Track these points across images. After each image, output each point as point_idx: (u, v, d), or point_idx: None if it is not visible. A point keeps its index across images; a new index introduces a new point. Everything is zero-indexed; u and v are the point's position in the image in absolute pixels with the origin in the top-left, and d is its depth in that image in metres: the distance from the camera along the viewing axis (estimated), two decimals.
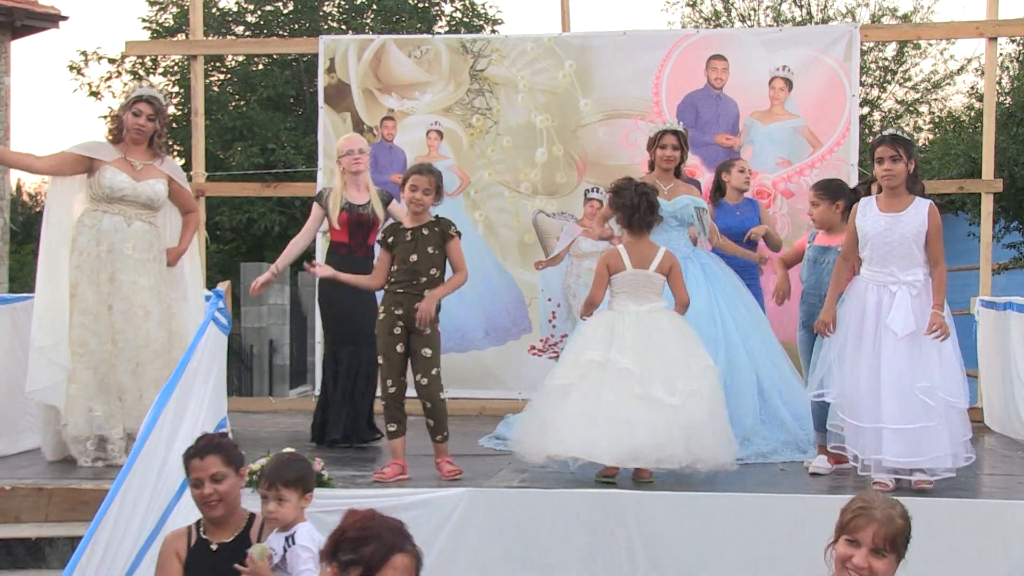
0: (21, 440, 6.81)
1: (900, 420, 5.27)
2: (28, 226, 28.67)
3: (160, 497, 4.32)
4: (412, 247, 5.80)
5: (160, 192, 6.35)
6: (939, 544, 4.94)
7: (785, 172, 8.19)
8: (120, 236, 6.21)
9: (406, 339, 5.78)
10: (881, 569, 3.16)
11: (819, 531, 4.99)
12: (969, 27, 9.11)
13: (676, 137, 6.66)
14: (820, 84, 8.34)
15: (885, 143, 5.51)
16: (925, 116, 24.34)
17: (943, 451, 5.30)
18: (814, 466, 5.88)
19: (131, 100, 6.36)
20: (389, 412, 5.79)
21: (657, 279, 5.67)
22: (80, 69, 22.54)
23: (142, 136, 6.34)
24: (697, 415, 5.42)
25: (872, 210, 5.53)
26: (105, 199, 6.22)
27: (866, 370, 5.40)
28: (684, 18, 24.58)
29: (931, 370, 5.32)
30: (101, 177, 6.21)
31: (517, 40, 8.87)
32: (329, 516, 5.15)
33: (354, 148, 6.90)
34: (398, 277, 5.80)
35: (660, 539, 5.05)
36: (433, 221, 5.87)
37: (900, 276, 5.42)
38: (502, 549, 5.14)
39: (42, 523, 5.54)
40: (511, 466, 6.03)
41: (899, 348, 5.33)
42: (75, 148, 6.30)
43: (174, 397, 4.43)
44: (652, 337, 5.56)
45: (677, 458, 5.37)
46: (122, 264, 6.18)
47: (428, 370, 5.73)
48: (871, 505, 3.22)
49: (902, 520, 3.23)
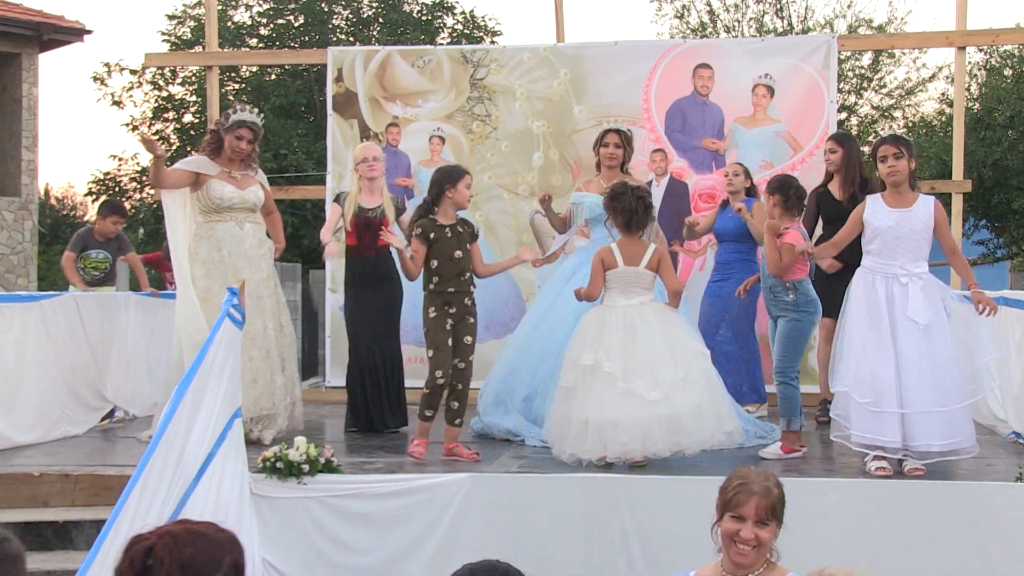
0: (55, 429, 6.84)
1: (931, 404, 5.22)
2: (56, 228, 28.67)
3: (178, 483, 4.30)
4: (455, 243, 5.84)
5: (261, 197, 6.61)
6: (913, 524, 4.95)
7: (768, 174, 8.15)
8: (235, 239, 6.42)
9: (454, 333, 5.83)
10: (766, 538, 3.17)
11: (804, 513, 5.03)
12: (939, 37, 9.08)
13: (618, 135, 6.64)
14: (800, 91, 8.32)
15: (887, 143, 5.53)
16: (899, 121, 24.36)
17: (967, 432, 5.29)
18: (765, 452, 5.88)
19: (234, 124, 6.46)
20: (430, 400, 5.84)
21: (647, 275, 5.67)
22: (103, 80, 22.51)
23: (240, 156, 6.51)
24: (683, 403, 5.42)
25: (881, 206, 5.50)
26: (215, 209, 6.42)
27: (888, 358, 5.31)
28: (672, 29, 24.62)
29: (948, 357, 5.29)
30: (210, 190, 6.41)
31: (514, 50, 8.86)
32: (337, 500, 5.18)
33: (369, 156, 6.91)
34: (445, 275, 5.81)
35: (651, 521, 5.03)
36: (462, 220, 5.92)
37: (910, 268, 5.38)
38: (502, 531, 5.13)
39: (69, 507, 5.55)
40: (510, 452, 6.03)
41: (919, 337, 5.28)
42: (182, 165, 6.58)
43: (191, 389, 4.40)
44: (637, 331, 5.56)
45: (660, 450, 5.42)
46: (244, 263, 6.38)
47: (467, 356, 5.84)
48: (749, 480, 3.23)
49: (777, 489, 3.24)
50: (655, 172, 8.36)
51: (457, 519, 5.13)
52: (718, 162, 8.33)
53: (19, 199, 16.27)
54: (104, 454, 6.22)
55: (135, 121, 22.76)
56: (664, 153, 8.39)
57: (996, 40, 10.58)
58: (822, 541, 4.97)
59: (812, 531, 4.99)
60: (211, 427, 4.54)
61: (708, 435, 5.49)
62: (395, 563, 5.14)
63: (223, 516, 4.68)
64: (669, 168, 8.40)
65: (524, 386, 6.52)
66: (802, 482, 5.20)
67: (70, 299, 7.25)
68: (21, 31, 15.89)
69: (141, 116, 22.74)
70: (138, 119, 22.73)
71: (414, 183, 8.71)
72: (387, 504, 5.19)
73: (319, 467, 5.19)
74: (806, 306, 5.93)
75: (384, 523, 5.16)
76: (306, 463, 5.16)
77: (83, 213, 32.88)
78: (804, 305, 5.92)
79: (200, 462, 4.47)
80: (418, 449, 5.77)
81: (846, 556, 4.97)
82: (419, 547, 5.12)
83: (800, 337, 5.95)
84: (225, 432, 4.70)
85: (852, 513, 5.03)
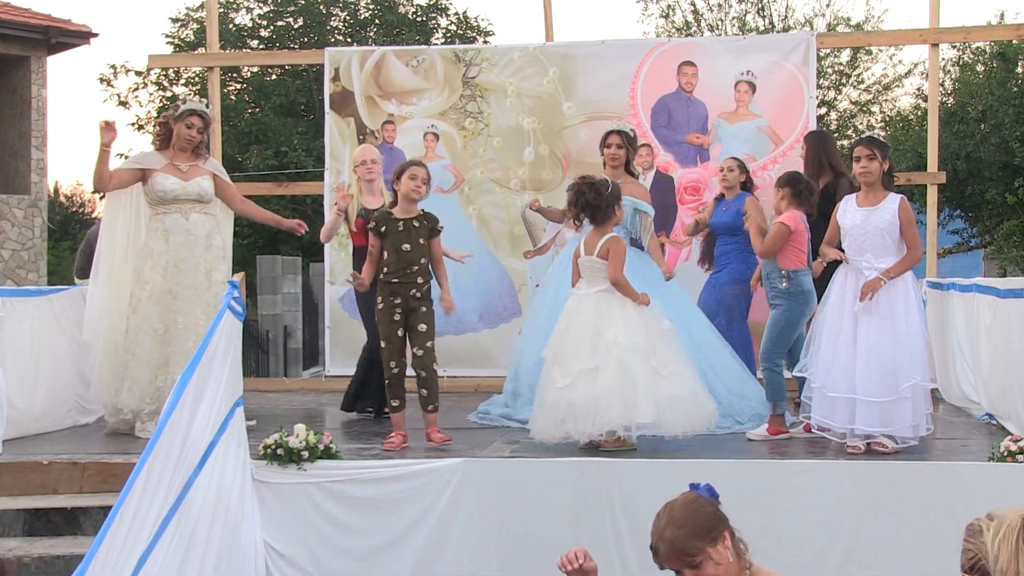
0: (65, 419, 6.82)
1: (872, 393, 5.32)
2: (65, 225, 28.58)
3: (181, 471, 4.28)
4: (404, 236, 5.78)
5: (207, 187, 6.47)
6: (891, 503, 4.95)
7: (751, 167, 8.15)
8: (182, 229, 6.34)
9: (404, 323, 5.76)
10: (713, 572, 2.94)
11: (785, 494, 5.03)
12: (914, 34, 9.06)
13: (620, 136, 6.58)
14: (781, 87, 8.29)
15: (863, 144, 5.57)
16: (877, 115, 24.37)
17: (905, 422, 5.37)
18: (752, 434, 5.90)
19: (183, 112, 6.44)
20: (392, 390, 5.81)
21: (598, 263, 5.59)
22: (110, 81, 22.45)
23: (191, 145, 6.46)
24: (592, 390, 5.36)
25: (851, 206, 5.61)
26: (160, 202, 6.36)
27: (844, 346, 5.43)
28: (658, 28, 24.57)
29: (903, 349, 5.34)
30: (153, 184, 6.36)
31: (505, 50, 8.82)
32: (336, 485, 5.17)
33: (367, 159, 6.88)
34: (392, 267, 5.77)
35: (642, 504, 5.01)
36: (422, 214, 5.85)
37: (874, 263, 5.45)
38: (495, 514, 5.13)
39: (77, 494, 5.52)
40: (503, 438, 6.02)
41: (871, 328, 5.37)
42: (126, 164, 6.55)
43: (194, 379, 4.38)
44: (573, 321, 5.57)
45: (580, 432, 5.40)
46: (187, 253, 6.31)
47: (423, 343, 5.74)
48: (653, 539, 3.02)
49: (678, 530, 2.97)
50: (642, 166, 8.33)
51: (452, 502, 5.12)
52: (702, 156, 8.32)
53: (29, 197, 16.21)
54: (111, 443, 6.19)
55: (140, 121, 22.69)
56: (650, 148, 8.37)
57: (968, 37, 10.58)
58: (800, 520, 4.98)
59: (790, 510, 5.01)
60: (213, 416, 4.52)
61: (621, 420, 5.36)
62: (393, 545, 5.12)
63: (225, 501, 4.68)
64: (655, 162, 8.38)
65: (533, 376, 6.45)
66: (781, 464, 5.22)
67: (78, 293, 7.21)
68: (30, 35, 15.84)
69: (147, 116, 22.67)
70: (143, 119, 22.66)
71: None
72: (384, 488, 5.17)
73: (318, 453, 5.18)
74: (798, 296, 5.93)
75: (382, 507, 5.15)
76: (306, 450, 5.14)
77: (91, 210, 32.78)
78: (796, 295, 5.92)
79: (203, 450, 4.46)
80: (392, 441, 5.72)
81: (822, 534, 4.99)
82: (416, 529, 5.11)
83: (788, 326, 5.95)
84: (227, 421, 4.69)
85: (830, 493, 5.03)
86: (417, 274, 5.77)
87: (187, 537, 4.30)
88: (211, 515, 4.51)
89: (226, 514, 4.66)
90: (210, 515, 4.50)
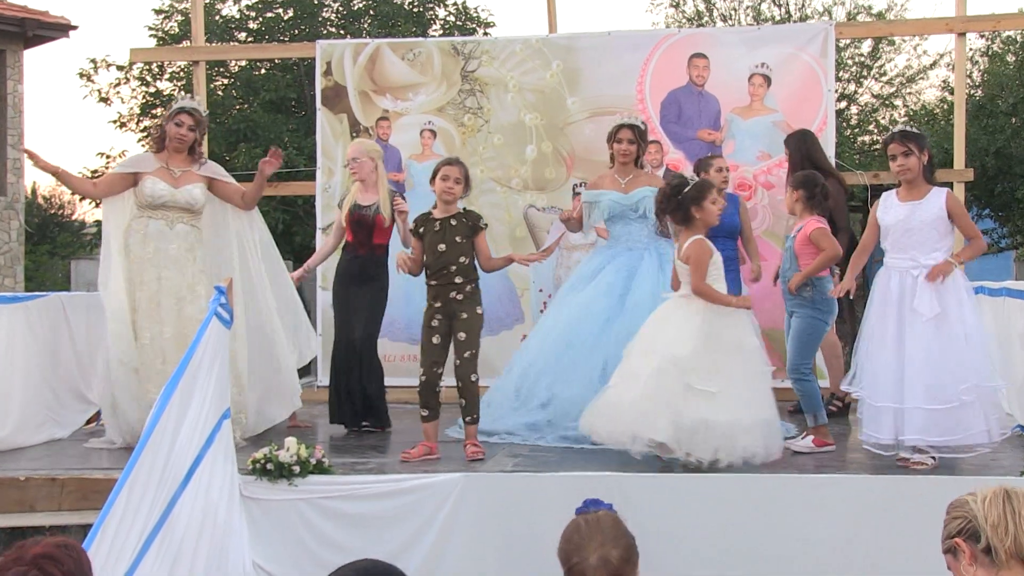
0: (39, 433, 6.81)
1: (932, 401, 5.19)
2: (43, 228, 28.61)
3: (165, 487, 4.30)
4: (440, 236, 5.88)
5: (197, 196, 6.49)
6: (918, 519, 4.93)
7: (765, 165, 8.16)
8: (164, 238, 6.36)
9: (445, 329, 5.82)
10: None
11: (795, 508, 5.03)
12: (939, 23, 9.06)
13: (632, 131, 6.60)
14: (798, 80, 8.30)
15: (895, 140, 5.49)
16: (900, 109, 24.34)
17: (976, 428, 5.24)
18: (797, 446, 5.86)
19: (174, 111, 6.51)
20: (422, 398, 5.85)
21: (682, 267, 5.64)
22: (90, 76, 22.44)
23: (183, 145, 6.51)
24: (624, 394, 5.54)
25: (892, 202, 5.53)
26: (148, 206, 6.39)
27: (891, 353, 5.32)
28: (668, 18, 24.55)
29: (959, 351, 5.24)
30: (143, 187, 6.40)
31: (506, 42, 8.84)
32: (329, 501, 5.17)
33: (352, 156, 6.98)
34: (431, 268, 5.90)
35: (645, 518, 5.01)
36: (461, 212, 5.95)
37: (921, 260, 5.37)
38: (495, 529, 5.14)
39: (56, 512, 5.52)
40: (504, 451, 6.02)
41: (927, 330, 5.26)
42: (118, 168, 6.65)
43: (178, 391, 4.40)
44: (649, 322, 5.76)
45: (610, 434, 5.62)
46: (167, 263, 6.31)
47: (462, 352, 5.80)
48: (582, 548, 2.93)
49: (618, 550, 2.89)
50: (651, 164, 8.33)
51: (450, 519, 5.13)
52: (715, 153, 8.32)
53: (5, 198, 16.26)
54: (90, 457, 6.19)
55: (123, 118, 22.72)
56: (659, 144, 8.35)
57: (997, 26, 10.56)
58: (824, 535, 4.98)
59: (813, 525, 5.01)
60: (199, 429, 4.54)
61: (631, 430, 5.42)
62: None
63: (212, 519, 4.69)
64: (665, 160, 8.38)
65: (544, 388, 6.45)
66: (798, 479, 5.21)
67: (56, 300, 7.24)
68: (5, 27, 15.90)
69: (129, 113, 22.71)
70: (125, 116, 22.69)
71: (405, 177, 8.70)
72: (380, 505, 5.19)
73: (310, 468, 5.20)
74: (822, 304, 5.96)
75: (377, 524, 5.16)
76: (297, 464, 5.16)
77: (71, 212, 32.78)
78: (820, 303, 5.95)
79: (188, 464, 4.48)
80: (410, 453, 5.74)
81: (847, 549, 4.99)
82: (412, 548, 5.12)
83: (814, 334, 5.99)
84: (213, 434, 4.71)
85: (854, 507, 5.04)
86: (455, 274, 5.84)
87: (171, 557, 4.31)
88: (197, 533, 4.52)
89: (212, 532, 4.67)
90: (196, 534, 4.51)
